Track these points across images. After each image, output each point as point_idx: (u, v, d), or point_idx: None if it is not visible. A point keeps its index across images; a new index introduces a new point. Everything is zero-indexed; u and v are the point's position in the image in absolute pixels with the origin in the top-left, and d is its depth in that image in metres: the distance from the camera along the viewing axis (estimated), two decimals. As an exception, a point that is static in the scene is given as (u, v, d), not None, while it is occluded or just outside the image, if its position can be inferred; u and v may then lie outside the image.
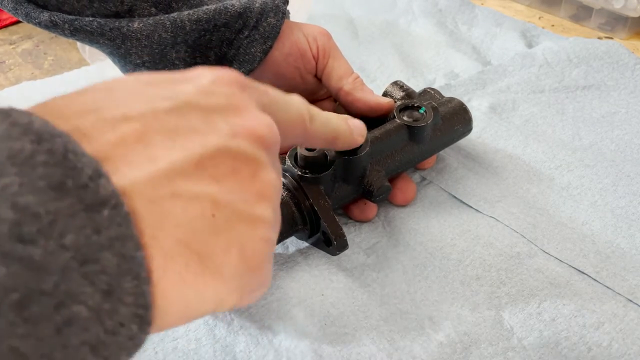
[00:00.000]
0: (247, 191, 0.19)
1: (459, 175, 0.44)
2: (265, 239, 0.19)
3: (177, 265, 0.16)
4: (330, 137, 0.27)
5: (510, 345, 0.32)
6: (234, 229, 0.18)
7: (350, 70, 0.40)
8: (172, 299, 0.16)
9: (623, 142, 0.47)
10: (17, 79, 0.62)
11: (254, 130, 0.19)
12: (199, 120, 0.18)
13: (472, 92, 0.54)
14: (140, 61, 0.38)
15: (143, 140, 0.17)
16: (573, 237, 0.38)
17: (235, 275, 0.18)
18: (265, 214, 0.19)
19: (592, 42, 0.57)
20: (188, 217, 0.17)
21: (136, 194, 0.16)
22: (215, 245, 0.17)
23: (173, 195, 0.16)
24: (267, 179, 0.19)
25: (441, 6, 0.71)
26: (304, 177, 0.35)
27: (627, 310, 0.33)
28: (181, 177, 0.17)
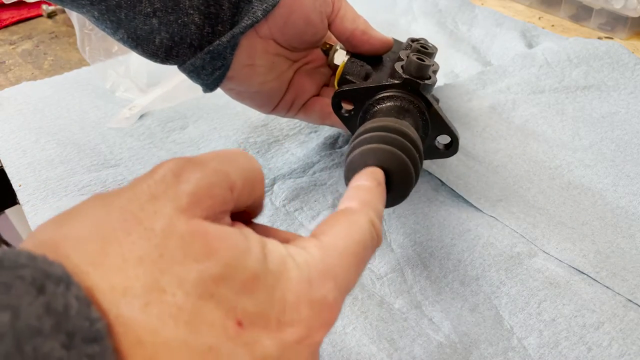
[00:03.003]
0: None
1: (459, 172, 0.44)
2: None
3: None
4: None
5: (510, 345, 0.32)
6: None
7: (358, 13, 0.42)
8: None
9: (623, 142, 0.47)
10: (17, 79, 0.62)
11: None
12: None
13: (472, 92, 0.54)
14: (151, 10, 0.35)
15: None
16: (573, 237, 0.38)
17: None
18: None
19: (592, 42, 0.57)
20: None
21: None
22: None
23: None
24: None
25: (441, 6, 0.71)
26: (426, 85, 0.36)
27: (627, 310, 0.33)
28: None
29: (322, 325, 0.20)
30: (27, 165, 0.46)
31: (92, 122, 0.52)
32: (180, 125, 0.52)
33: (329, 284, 0.20)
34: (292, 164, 0.46)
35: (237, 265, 0.18)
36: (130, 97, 0.56)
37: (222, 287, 0.17)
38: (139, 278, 0.16)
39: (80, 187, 0.44)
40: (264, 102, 0.44)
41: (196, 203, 0.18)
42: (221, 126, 0.51)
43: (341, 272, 0.21)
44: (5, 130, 0.51)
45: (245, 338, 0.17)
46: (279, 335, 0.18)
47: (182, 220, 0.17)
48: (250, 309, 0.18)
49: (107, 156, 0.48)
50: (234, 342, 0.17)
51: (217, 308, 0.17)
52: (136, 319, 0.16)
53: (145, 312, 0.16)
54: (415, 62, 0.36)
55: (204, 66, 0.38)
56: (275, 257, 0.19)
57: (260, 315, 0.18)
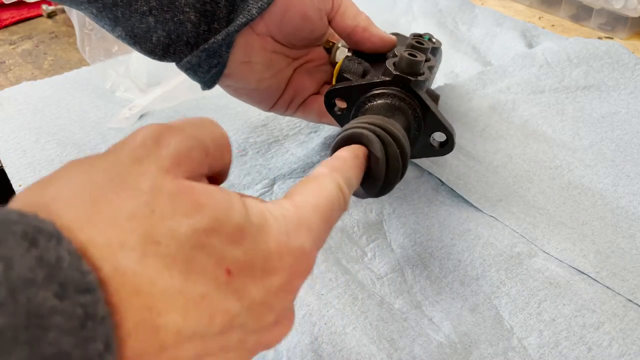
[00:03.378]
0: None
1: (459, 172, 0.44)
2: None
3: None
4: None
5: (510, 345, 0.32)
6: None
7: (359, 9, 0.41)
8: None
9: (623, 142, 0.47)
10: (17, 79, 0.62)
11: (270, 346, 0.22)
12: (235, 340, 0.19)
13: (472, 92, 0.54)
14: (147, 8, 0.36)
15: (173, 352, 0.17)
16: (573, 237, 0.38)
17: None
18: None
19: (592, 42, 0.57)
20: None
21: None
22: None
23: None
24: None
25: (441, 6, 0.71)
26: (417, 82, 0.36)
27: (627, 310, 0.33)
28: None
29: (301, 272, 0.22)
30: (27, 165, 0.46)
31: (92, 122, 0.52)
32: (180, 125, 0.52)
33: (305, 234, 0.22)
34: (292, 164, 0.46)
35: (223, 218, 0.19)
36: (130, 97, 0.56)
37: (212, 239, 0.18)
38: (134, 232, 0.17)
39: (80, 187, 0.44)
40: (262, 100, 0.44)
41: (178, 164, 0.19)
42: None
43: (314, 225, 0.22)
44: (5, 130, 0.51)
45: (234, 285, 0.19)
46: (263, 282, 0.20)
47: (168, 179, 0.18)
48: (239, 258, 0.19)
49: (107, 156, 0.48)
50: (224, 290, 0.18)
51: (208, 258, 0.18)
52: (134, 270, 0.16)
53: (143, 263, 0.16)
54: (406, 58, 0.35)
55: (200, 64, 0.39)
56: (255, 211, 0.21)
57: (247, 264, 0.19)
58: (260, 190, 0.44)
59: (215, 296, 0.18)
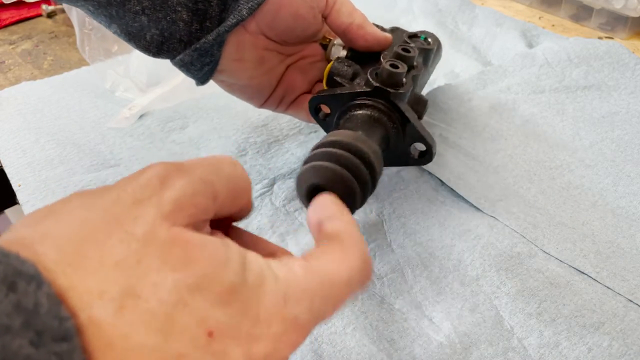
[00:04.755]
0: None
1: (459, 172, 0.44)
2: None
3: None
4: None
5: (511, 345, 0.32)
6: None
7: (355, 7, 0.41)
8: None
9: (623, 142, 0.47)
10: (16, 79, 0.62)
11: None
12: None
13: (472, 92, 0.54)
14: (139, 8, 0.36)
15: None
16: (573, 237, 0.38)
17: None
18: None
19: (592, 42, 0.57)
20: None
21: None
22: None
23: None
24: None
25: (441, 6, 0.71)
26: (397, 94, 0.36)
27: (627, 311, 0.33)
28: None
29: (289, 345, 0.20)
30: (26, 165, 0.46)
31: (92, 122, 0.52)
32: (180, 125, 0.52)
33: (304, 305, 0.20)
34: (292, 164, 0.46)
35: (214, 277, 0.18)
36: (130, 97, 0.56)
37: (197, 297, 0.17)
38: (116, 282, 0.16)
39: (80, 187, 0.44)
40: (254, 96, 0.44)
41: (179, 210, 0.18)
42: (221, 126, 0.51)
43: (320, 298, 0.20)
44: (5, 130, 0.51)
45: (214, 347, 0.17)
46: (247, 347, 0.18)
47: (164, 227, 0.18)
48: (223, 320, 0.18)
49: (107, 156, 0.48)
50: (203, 351, 0.17)
51: (190, 317, 0.17)
52: (109, 322, 0.16)
53: (118, 316, 0.16)
54: (387, 70, 0.36)
55: (193, 62, 0.39)
56: (254, 269, 0.19)
57: (231, 327, 0.18)
58: (260, 190, 0.44)
59: (192, 357, 0.17)
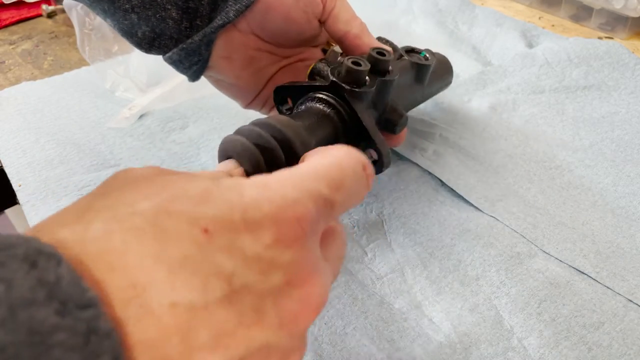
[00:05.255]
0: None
1: (459, 172, 0.44)
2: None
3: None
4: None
5: (511, 345, 0.32)
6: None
7: (355, 15, 0.40)
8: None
9: (623, 142, 0.47)
10: (16, 79, 0.62)
11: (299, 319, 0.19)
12: (249, 309, 0.17)
13: (472, 92, 0.54)
14: (129, 6, 0.36)
15: (186, 340, 0.15)
16: (573, 237, 0.38)
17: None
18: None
19: (592, 42, 0.57)
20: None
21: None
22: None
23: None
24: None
25: (441, 6, 0.71)
26: (353, 92, 0.33)
27: (627, 311, 0.33)
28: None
29: (290, 220, 0.19)
30: (26, 165, 0.46)
31: (92, 122, 0.52)
32: (180, 125, 0.52)
33: (289, 187, 0.20)
34: (292, 164, 0.46)
35: (185, 189, 0.18)
36: (130, 97, 0.56)
37: (177, 204, 0.18)
38: (98, 218, 0.17)
39: (80, 187, 0.44)
40: (240, 95, 0.43)
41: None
42: (221, 126, 0.51)
43: (306, 182, 0.20)
44: (5, 130, 0.51)
45: (218, 243, 0.17)
46: (250, 234, 0.18)
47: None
48: (211, 214, 0.18)
49: (107, 156, 0.48)
50: (208, 249, 0.17)
51: (177, 221, 0.17)
52: (104, 249, 0.16)
53: (109, 240, 0.16)
54: (346, 66, 0.33)
55: (181, 60, 0.39)
56: (227, 179, 0.20)
57: (223, 218, 0.18)
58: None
59: (199, 257, 0.17)
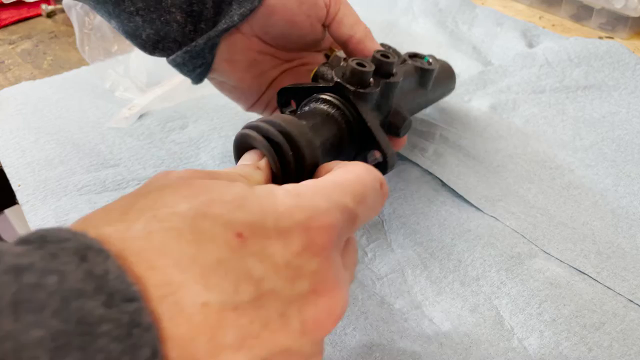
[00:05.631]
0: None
1: (459, 172, 0.44)
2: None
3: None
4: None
5: (511, 345, 0.32)
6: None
7: (359, 19, 0.40)
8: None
9: (624, 142, 0.47)
10: (16, 79, 0.62)
11: (322, 327, 0.19)
12: (275, 314, 0.18)
13: (472, 92, 0.54)
14: (134, 9, 0.36)
15: (214, 339, 0.17)
16: (574, 238, 0.38)
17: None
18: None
19: (592, 42, 0.57)
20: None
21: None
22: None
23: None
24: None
25: (441, 6, 0.71)
26: (357, 93, 0.33)
27: (628, 311, 0.33)
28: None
29: (321, 230, 0.20)
30: (26, 165, 0.46)
31: (92, 122, 0.52)
32: (180, 125, 0.52)
33: (319, 197, 0.21)
34: (292, 164, 0.46)
35: (223, 193, 0.19)
36: (129, 97, 0.56)
37: (214, 208, 0.19)
38: (139, 217, 0.18)
39: (79, 187, 0.44)
40: (242, 98, 0.43)
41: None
42: (221, 126, 0.51)
43: (334, 194, 0.21)
44: (5, 130, 0.51)
45: (250, 248, 0.18)
46: (281, 242, 0.19)
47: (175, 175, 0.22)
48: (245, 220, 0.19)
49: (107, 156, 0.48)
50: (241, 253, 0.18)
51: (213, 225, 0.18)
52: (144, 247, 0.17)
53: (149, 239, 0.17)
54: (351, 68, 0.33)
55: (185, 63, 0.39)
56: (260, 187, 0.21)
57: (256, 224, 0.19)
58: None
59: (232, 260, 0.18)
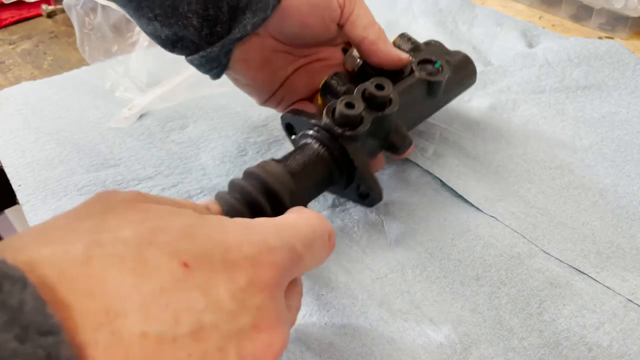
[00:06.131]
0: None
1: (459, 172, 0.44)
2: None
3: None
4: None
5: (511, 345, 0.32)
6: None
7: (374, 20, 0.40)
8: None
9: (623, 142, 0.47)
10: (16, 79, 0.62)
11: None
12: (213, 348, 0.18)
13: (472, 92, 0.54)
14: (152, 15, 0.37)
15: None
16: (573, 237, 0.38)
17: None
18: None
19: (592, 42, 0.57)
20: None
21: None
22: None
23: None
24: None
25: (441, 6, 0.71)
26: (344, 135, 0.35)
27: (628, 311, 0.33)
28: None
29: (267, 266, 0.20)
30: (26, 165, 0.46)
31: (92, 122, 0.52)
32: (180, 125, 0.52)
33: (271, 234, 0.21)
34: (292, 164, 0.46)
35: (170, 220, 0.19)
36: (129, 97, 0.56)
37: (160, 236, 0.18)
38: (79, 240, 0.17)
39: (79, 187, 0.44)
40: (256, 93, 0.44)
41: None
42: (221, 126, 0.51)
43: (285, 231, 0.22)
44: (5, 130, 0.51)
45: (194, 279, 0.18)
46: (227, 275, 0.18)
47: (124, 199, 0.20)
48: (192, 250, 0.18)
49: (107, 156, 0.48)
50: (185, 284, 0.17)
51: (159, 253, 0.17)
52: (82, 273, 0.16)
53: (89, 265, 0.16)
54: (339, 111, 0.34)
55: (202, 65, 0.40)
56: (211, 217, 0.20)
57: (204, 256, 0.18)
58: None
59: (175, 291, 0.17)
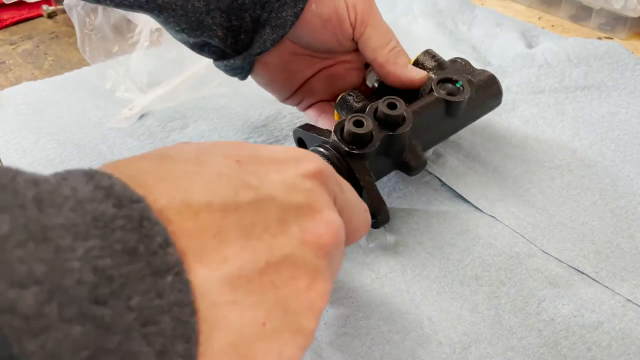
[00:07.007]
0: (300, 301, 0.20)
1: (459, 172, 0.44)
2: (303, 347, 0.20)
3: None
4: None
5: (510, 345, 0.32)
6: (279, 337, 0.19)
7: (387, 40, 0.40)
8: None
9: (623, 143, 0.47)
10: (17, 79, 0.62)
11: (321, 238, 0.21)
12: (274, 219, 0.20)
13: (472, 92, 0.54)
14: (179, 28, 0.39)
15: (219, 235, 0.18)
16: (573, 237, 0.38)
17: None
18: (310, 325, 0.20)
19: (592, 42, 0.57)
20: (242, 323, 0.18)
21: (201, 296, 0.17)
22: (259, 350, 0.18)
23: (234, 302, 0.18)
24: (321, 289, 0.20)
25: (441, 6, 0.71)
26: (351, 154, 0.35)
27: (626, 310, 0.33)
28: (244, 284, 0.18)
29: (311, 161, 0.23)
30: (27, 165, 0.46)
31: (92, 122, 0.52)
32: (181, 125, 0.52)
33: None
34: (292, 164, 0.46)
35: (223, 142, 0.22)
36: (130, 97, 0.56)
37: (215, 147, 0.21)
38: (150, 156, 0.20)
39: (80, 187, 0.44)
40: (275, 92, 0.46)
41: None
42: (221, 126, 0.51)
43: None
44: (6, 130, 0.51)
45: (247, 169, 0.21)
46: (275, 167, 0.21)
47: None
48: (244, 153, 0.21)
49: (107, 156, 0.48)
50: (238, 171, 0.20)
51: (215, 154, 0.21)
52: (151, 169, 0.19)
53: (158, 164, 0.19)
54: (347, 130, 0.34)
55: (227, 71, 0.42)
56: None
57: (253, 156, 0.21)
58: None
59: (231, 175, 0.20)
